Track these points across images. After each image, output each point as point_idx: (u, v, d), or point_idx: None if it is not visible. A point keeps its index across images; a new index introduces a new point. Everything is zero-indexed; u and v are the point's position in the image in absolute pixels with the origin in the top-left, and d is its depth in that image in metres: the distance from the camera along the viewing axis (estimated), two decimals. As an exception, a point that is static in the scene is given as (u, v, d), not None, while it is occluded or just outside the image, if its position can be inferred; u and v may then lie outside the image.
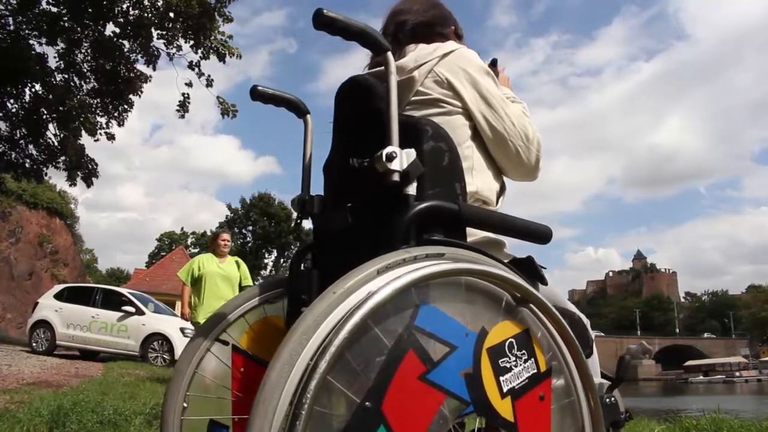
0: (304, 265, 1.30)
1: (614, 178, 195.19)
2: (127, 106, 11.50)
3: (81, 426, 2.86)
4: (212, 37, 10.14)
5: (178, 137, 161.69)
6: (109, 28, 10.54)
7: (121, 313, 10.79)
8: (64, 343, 10.80)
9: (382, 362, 0.76)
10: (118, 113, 11.49)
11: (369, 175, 0.99)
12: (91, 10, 9.78)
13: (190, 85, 10.80)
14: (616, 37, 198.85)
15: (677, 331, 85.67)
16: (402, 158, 0.96)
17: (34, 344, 10.74)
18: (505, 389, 0.88)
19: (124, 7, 10.26)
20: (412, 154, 0.97)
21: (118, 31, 10.48)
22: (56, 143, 11.50)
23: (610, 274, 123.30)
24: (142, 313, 10.89)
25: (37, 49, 10.46)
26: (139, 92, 11.36)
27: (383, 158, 0.95)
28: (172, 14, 10.08)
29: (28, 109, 10.99)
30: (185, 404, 1.20)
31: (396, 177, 0.96)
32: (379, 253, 0.86)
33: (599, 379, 1.22)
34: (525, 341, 0.94)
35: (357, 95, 1.17)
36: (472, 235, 1.09)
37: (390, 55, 1.02)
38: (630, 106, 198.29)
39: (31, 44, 10.35)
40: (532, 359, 0.94)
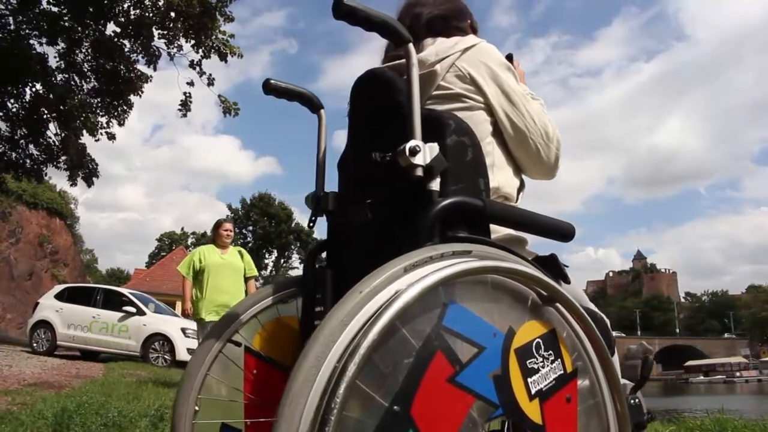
0: (318, 264, 1.27)
1: (614, 179, 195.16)
2: (127, 107, 11.48)
3: (85, 429, 2.82)
4: (213, 37, 10.11)
5: (179, 137, 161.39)
6: (110, 28, 10.52)
7: (121, 314, 10.75)
8: (65, 344, 10.78)
9: (410, 364, 0.73)
10: (118, 113, 11.47)
11: (389, 170, 0.96)
12: (92, 10, 9.75)
13: (191, 84, 10.80)
14: (616, 38, 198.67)
15: (677, 331, 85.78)
16: (425, 152, 0.93)
17: (35, 344, 10.72)
18: (533, 391, 0.86)
19: (125, 6, 10.23)
20: (435, 148, 0.94)
21: (118, 30, 10.44)
22: (57, 143, 11.47)
23: (610, 274, 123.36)
24: (143, 314, 10.85)
25: (38, 48, 10.43)
26: (139, 92, 11.33)
27: (406, 152, 0.92)
28: (173, 14, 10.05)
29: (29, 109, 10.95)
30: (196, 407, 1.18)
31: (419, 172, 0.93)
32: (402, 250, 0.83)
33: (623, 380, 1.19)
34: (552, 341, 0.91)
35: (375, 88, 1.14)
36: (495, 232, 1.07)
37: (411, 47, 0.99)
38: (630, 107, 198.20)
39: (32, 44, 10.31)
40: (559, 360, 0.91)
